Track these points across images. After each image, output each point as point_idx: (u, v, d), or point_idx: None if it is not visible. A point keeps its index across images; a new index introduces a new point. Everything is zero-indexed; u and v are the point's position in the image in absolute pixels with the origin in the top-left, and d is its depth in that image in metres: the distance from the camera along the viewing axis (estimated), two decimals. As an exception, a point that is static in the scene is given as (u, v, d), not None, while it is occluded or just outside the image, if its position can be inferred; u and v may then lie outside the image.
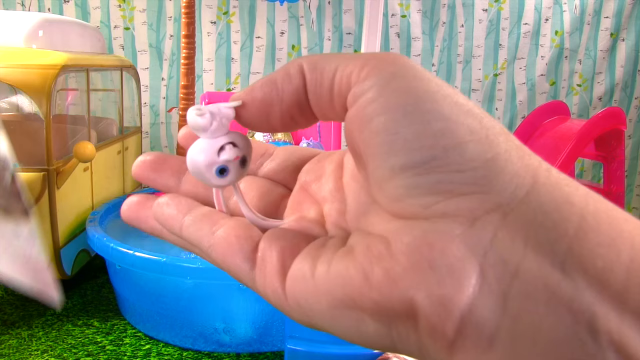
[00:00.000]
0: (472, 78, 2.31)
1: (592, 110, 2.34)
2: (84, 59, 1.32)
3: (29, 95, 1.06)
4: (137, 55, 2.09)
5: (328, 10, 2.19)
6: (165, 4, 2.09)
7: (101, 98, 1.65)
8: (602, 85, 2.36)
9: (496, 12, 2.26)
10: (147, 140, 2.16)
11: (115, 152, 1.52)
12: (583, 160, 2.36)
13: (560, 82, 2.35)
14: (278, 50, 2.20)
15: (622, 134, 1.68)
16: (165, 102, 2.14)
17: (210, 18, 2.13)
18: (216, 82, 2.16)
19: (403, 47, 2.25)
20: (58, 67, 1.09)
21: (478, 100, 2.32)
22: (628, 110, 2.37)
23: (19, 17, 1.24)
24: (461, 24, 2.27)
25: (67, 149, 1.20)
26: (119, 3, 2.05)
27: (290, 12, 2.18)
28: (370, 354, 0.75)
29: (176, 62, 2.08)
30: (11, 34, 1.19)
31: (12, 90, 1.19)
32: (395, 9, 2.21)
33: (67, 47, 1.31)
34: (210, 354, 1.24)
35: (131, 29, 2.08)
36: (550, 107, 1.86)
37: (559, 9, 2.27)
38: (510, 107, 2.34)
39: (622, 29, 2.31)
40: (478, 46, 2.29)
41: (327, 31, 2.20)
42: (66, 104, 1.49)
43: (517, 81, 2.33)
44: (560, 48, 2.30)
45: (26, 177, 1.07)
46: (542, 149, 1.74)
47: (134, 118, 1.82)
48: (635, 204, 2.51)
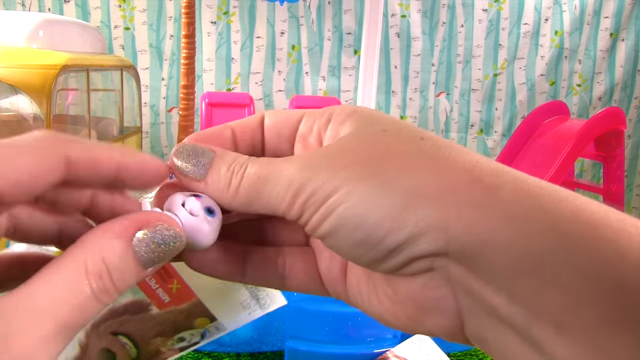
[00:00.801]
0: (472, 78, 2.31)
1: (592, 110, 2.34)
2: (84, 59, 1.32)
3: (29, 95, 1.06)
4: (137, 55, 2.09)
5: (328, 10, 2.20)
6: (166, 4, 2.09)
7: (101, 98, 1.65)
8: (601, 85, 2.36)
9: (496, 12, 2.26)
10: (147, 140, 2.16)
11: (116, 152, 1.52)
12: (583, 160, 2.36)
13: (560, 82, 2.35)
14: (278, 50, 2.20)
15: (622, 133, 1.68)
16: (166, 102, 2.14)
17: (210, 18, 2.13)
18: (216, 82, 2.16)
19: (403, 47, 2.25)
20: (58, 67, 1.09)
21: (478, 100, 2.33)
22: (628, 110, 2.37)
23: (20, 17, 1.24)
24: (461, 24, 2.27)
25: (68, 149, 1.20)
26: (119, 3, 2.05)
27: (290, 12, 2.18)
28: (369, 354, 0.75)
29: (176, 62, 2.08)
30: (12, 34, 1.19)
31: (12, 90, 1.19)
32: (395, 9, 2.21)
33: (67, 47, 1.31)
34: (210, 353, 1.25)
35: (131, 29, 2.08)
36: (550, 107, 1.86)
37: (558, 9, 2.27)
38: (510, 107, 2.34)
39: (622, 29, 2.31)
40: (478, 46, 2.29)
41: (327, 31, 2.20)
42: (66, 104, 1.49)
43: (517, 81, 2.33)
44: (560, 48, 2.30)
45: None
46: (542, 149, 1.74)
47: (134, 118, 1.82)
48: (635, 204, 2.51)
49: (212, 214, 0.23)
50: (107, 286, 0.18)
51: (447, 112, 2.33)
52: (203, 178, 0.22)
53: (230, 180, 0.22)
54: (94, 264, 0.18)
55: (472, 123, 2.34)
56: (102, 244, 0.19)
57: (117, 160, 0.21)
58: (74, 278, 0.18)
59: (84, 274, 0.18)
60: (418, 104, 2.29)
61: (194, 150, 0.23)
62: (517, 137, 1.83)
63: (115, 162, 0.21)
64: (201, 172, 0.22)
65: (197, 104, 1.84)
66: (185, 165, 0.22)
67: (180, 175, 0.23)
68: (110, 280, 0.19)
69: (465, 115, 2.33)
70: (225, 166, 0.22)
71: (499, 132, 2.35)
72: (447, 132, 2.34)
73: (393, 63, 2.25)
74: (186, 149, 0.23)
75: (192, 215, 0.22)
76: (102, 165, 0.21)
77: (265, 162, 0.22)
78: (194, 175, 0.22)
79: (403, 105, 2.28)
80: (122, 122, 1.63)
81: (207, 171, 0.22)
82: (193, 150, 0.23)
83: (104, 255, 0.19)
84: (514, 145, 1.83)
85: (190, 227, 0.22)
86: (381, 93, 2.23)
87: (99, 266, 0.18)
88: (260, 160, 0.22)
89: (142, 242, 0.20)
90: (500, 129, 2.35)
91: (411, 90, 2.28)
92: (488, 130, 2.35)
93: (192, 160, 0.22)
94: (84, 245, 0.19)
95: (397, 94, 2.27)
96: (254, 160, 0.22)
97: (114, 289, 0.19)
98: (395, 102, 2.27)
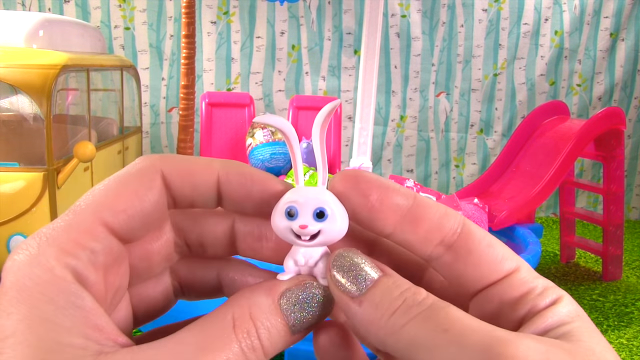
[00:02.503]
0: (472, 78, 2.32)
1: (592, 110, 2.34)
2: (85, 59, 1.32)
3: (29, 95, 1.06)
4: (137, 55, 2.09)
5: (328, 10, 2.20)
6: (166, 4, 2.09)
7: (101, 98, 1.65)
8: (601, 85, 2.36)
9: (496, 12, 2.27)
10: (147, 140, 2.16)
11: (116, 152, 1.52)
12: (583, 160, 2.36)
13: (560, 82, 2.35)
14: (278, 50, 2.20)
15: (622, 133, 1.68)
16: (166, 102, 2.15)
17: (211, 18, 2.13)
18: (216, 82, 2.17)
19: (403, 47, 2.26)
20: (58, 67, 1.09)
21: (478, 100, 2.33)
22: (628, 110, 2.37)
23: (20, 17, 1.25)
24: (461, 24, 2.27)
25: (68, 149, 1.20)
26: (119, 3, 2.05)
27: (290, 12, 2.18)
28: (369, 353, 0.75)
29: (176, 62, 2.09)
30: (12, 34, 1.19)
31: (12, 90, 1.19)
32: (395, 9, 2.22)
33: (67, 47, 1.31)
34: (211, 353, 1.25)
35: (131, 29, 2.08)
36: (550, 107, 1.86)
37: (558, 9, 2.27)
38: (510, 107, 2.35)
39: (622, 29, 2.31)
40: (478, 46, 2.29)
41: (327, 31, 2.20)
42: (66, 104, 1.50)
43: (517, 81, 2.33)
44: (560, 48, 2.31)
45: (26, 177, 1.07)
46: (541, 149, 1.74)
47: (134, 118, 1.82)
48: (635, 204, 2.51)
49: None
50: (254, 344, 0.17)
51: (447, 112, 2.33)
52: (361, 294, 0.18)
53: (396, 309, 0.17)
54: (241, 319, 0.17)
55: (472, 123, 2.34)
56: (251, 301, 0.18)
57: (216, 171, 0.19)
58: (221, 332, 0.17)
59: (232, 329, 0.17)
60: (418, 103, 2.29)
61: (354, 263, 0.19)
62: (517, 137, 1.83)
63: (211, 172, 0.19)
64: (360, 287, 0.18)
65: (197, 104, 1.84)
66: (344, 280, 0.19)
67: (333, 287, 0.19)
68: (257, 338, 0.18)
69: (465, 115, 2.33)
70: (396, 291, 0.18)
71: (499, 132, 2.35)
72: (447, 132, 2.34)
73: (393, 63, 2.25)
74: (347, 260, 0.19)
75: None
76: (197, 178, 0.19)
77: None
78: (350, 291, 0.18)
79: (403, 105, 2.28)
80: (122, 122, 1.64)
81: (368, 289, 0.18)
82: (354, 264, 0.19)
83: (252, 311, 0.18)
84: (514, 145, 1.83)
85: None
86: (381, 93, 2.24)
87: (246, 322, 0.18)
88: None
89: (289, 300, 0.18)
90: (500, 129, 2.35)
91: (411, 90, 2.28)
92: (488, 130, 2.35)
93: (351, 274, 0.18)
94: (231, 302, 0.18)
95: (397, 94, 2.27)
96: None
97: (261, 348, 0.18)
98: (395, 102, 2.28)
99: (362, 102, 1.95)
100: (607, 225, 1.70)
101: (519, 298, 0.18)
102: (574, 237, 1.88)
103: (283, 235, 0.19)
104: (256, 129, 1.76)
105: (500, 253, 0.18)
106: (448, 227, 0.18)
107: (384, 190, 0.19)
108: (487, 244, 0.19)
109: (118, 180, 0.18)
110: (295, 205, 0.19)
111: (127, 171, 0.19)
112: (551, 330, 0.17)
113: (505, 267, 0.18)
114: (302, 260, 0.19)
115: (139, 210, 0.18)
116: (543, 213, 2.41)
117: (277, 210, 0.19)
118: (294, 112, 1.90)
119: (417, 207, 0.19)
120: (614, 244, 1.72)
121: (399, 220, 0.19)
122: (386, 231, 0.19)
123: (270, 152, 1.74)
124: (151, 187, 0.18)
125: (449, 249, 0.18)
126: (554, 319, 0.17)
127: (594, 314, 1.51)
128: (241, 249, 0.21)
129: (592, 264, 1.89)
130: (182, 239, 0.21)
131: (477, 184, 1.83)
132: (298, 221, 0.19)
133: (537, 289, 0.18)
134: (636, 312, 1.55)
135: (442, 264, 0.19)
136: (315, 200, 0.19)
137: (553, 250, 2.01)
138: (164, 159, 0.19)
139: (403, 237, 0.19)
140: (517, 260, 0.19)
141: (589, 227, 2.27)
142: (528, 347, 0.16)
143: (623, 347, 1.36)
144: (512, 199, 1.64)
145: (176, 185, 0.19)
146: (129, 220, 0.18)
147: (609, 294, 1.66)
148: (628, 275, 1.81)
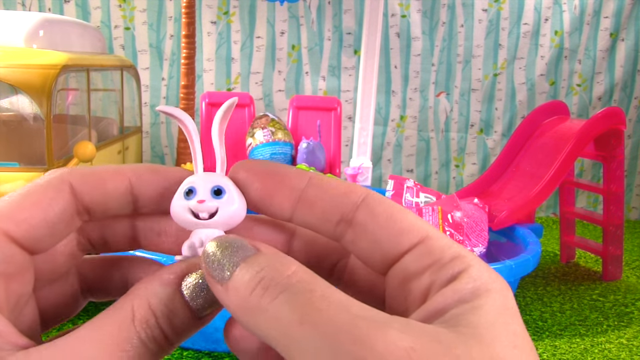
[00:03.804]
0: (472, 78, 2.32)
1: (592, 110, 2.34)
2: (85, 59, 1.32)
3: (29, 95, 1.06)
4: (137, 55, 2.09)
5: (328, 10, 2.20)
6: (166, 4, 2.09)
7: (101, 98, 1.65)
8: (601, 85, 2.36)
9: (496, 12, 2.27)
10: (147, 140, 2.16)
11: (116, 152, 1.52)
12: (583, 160, 2.36)
13: (560, 82, 2.35)
14: (278, 50, 2.20)
15: (622, 133, 1.68)
16: (166, 102, 2.15)
17: (211, 18, 2.13)
18: (216, 82, 2.17)
19: (403, 47, 2.26)
20: (58, 67, 1.09)
21: (478, 100, 2.33)
22: (628, 110, 2.37)
23: (20, 17, 1.25)
24: (461, 24, 2.27)
25: (68, 149, 1.20)
26: (119, 3, 2.05)
27: (290, 12, 2.18)
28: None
29: (176, 62, 2.09)
30: (12, 34, 1.19)
31: (12, 90, 1.20)
32: (395, 9, 2.22)
33: (67, 47, 1.31)
34: (210, 353, 1.25)
35: (131, 29, 2.08)
36: (550, 107, 1.86)
37: (558, 9, 2.27)
38: (510, 107, 2.35)
39: (622, 29, 2.31)
40: (478, 46, 2.29)
41: (327, 31, 2.20)
42: (66, 104, 1.50)
43: (517, 81, 2.33)
44: (560, 48, 2.31)
45: (26, 177, 1.07)
46: (542, 149, 1.74)
47: (134, 118, 1.82)
48: (635, 204, 2.51)
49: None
50: (155, 334, 0.17)
51: (447, 112, 2.33)
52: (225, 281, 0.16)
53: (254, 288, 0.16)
54: (140, 310, 0.17)
55: (472, 123, 2.34)
56: (149, 291, 0.18)
57: (127, 175, 0.19)
58: (120, 325, 0.17)
59: (131, 321, 0.17)
60: (418, 103, 2.29)
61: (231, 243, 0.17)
62: (517, 137, 1.83)
63: (122, 178, 0.19)
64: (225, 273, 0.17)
65: (197, 104, 1.84)
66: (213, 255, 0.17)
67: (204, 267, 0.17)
68: (158, 327, 0.17)
69: (465, 115, 2.33)
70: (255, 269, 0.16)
71: (499, 132, 2.35)
72: (447, 132, 2.34)
73: (393, 63, 2.25)
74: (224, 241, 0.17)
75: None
76: (108, 185, 0.19)
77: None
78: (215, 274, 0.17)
79: (403, 105, 2.29)
80: (122, 122, 1.64)
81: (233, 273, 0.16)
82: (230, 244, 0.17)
83: (151, 301, 0.17)
84: (514, 145, 1.83)
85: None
86: (381, 93, 2.24)
87: (145, 313, 0.17)
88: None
89: (188, 285, 0.18)
90: (500, 128, 2.35)
91: (411, 90, 2.28)
92: (488, 130, 2.35)
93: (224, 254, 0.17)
94: (130, 293, 0.18)
95: (397, 94, 2.28)
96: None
97: (164, 338, 0.17)
98: (395, 102, 2.28)
99: (362, 102, 1.95)
100: (607, 225, 1.70)
101: (421, 272, 0.16)
102: (574, 237, 1.88)
103: (181, 218, 0.19)
104: (256, 129, 1.76)
105: (402, 225, 0.17)
106: (348, 203, 0.18)
107: (278, 175, 0.19)
108: (386, 217, 0.17)
109: (24, 192, 0.18)
110: (194, 185, 0.19)
111: (34, 183, 0.19)
112: (447, 312, 0.15)
113: (409, 239, 0.17)
114: (198, 242, 0.19)
115: (42, 219, 0.18)
116: (543, 213, 2.41)
117: (176, 194, 0.19)
118: (294, 112, 1.90)
119: (311, 187, 0.18)
120: (614, 244, 1.72)
121: (294, 203, 0.18)
122: (285, 215, 0.19)
123: (270, 152, 1.74)
124: (56, 198, 0.18)
125: (350, 226, 0.18)
126: (454, 297, 0.15)
127: (594, 314, 1.51)
128: (143, 244, 0.21)
129: (592, 264, 1.89)
130: (85, 237, 0.21)
131: (477, 184, 1.83)
132: (196, 197, 0.19)
133: (442, 259, 0.16)
134: (636, 312, 1.55)
135: (347, 243, 0.18)
136: (214, 180, 0.19)
137: (553, 250, 2.01)
138: (72, 171, 0.19)
139: (303, 219, 0.19)
140: (427, 229, 0.17)
141: (589, 227, 2.27)
142: (390, 341, 0.13)
143: (623, 347, 1.36)
144: (512, 199, 1.64)
145: (87, 195, 0.19)
146: (32, 230, 0.18)
147: (609, 294, 1.66)
148: (628, 275, 1.81)
